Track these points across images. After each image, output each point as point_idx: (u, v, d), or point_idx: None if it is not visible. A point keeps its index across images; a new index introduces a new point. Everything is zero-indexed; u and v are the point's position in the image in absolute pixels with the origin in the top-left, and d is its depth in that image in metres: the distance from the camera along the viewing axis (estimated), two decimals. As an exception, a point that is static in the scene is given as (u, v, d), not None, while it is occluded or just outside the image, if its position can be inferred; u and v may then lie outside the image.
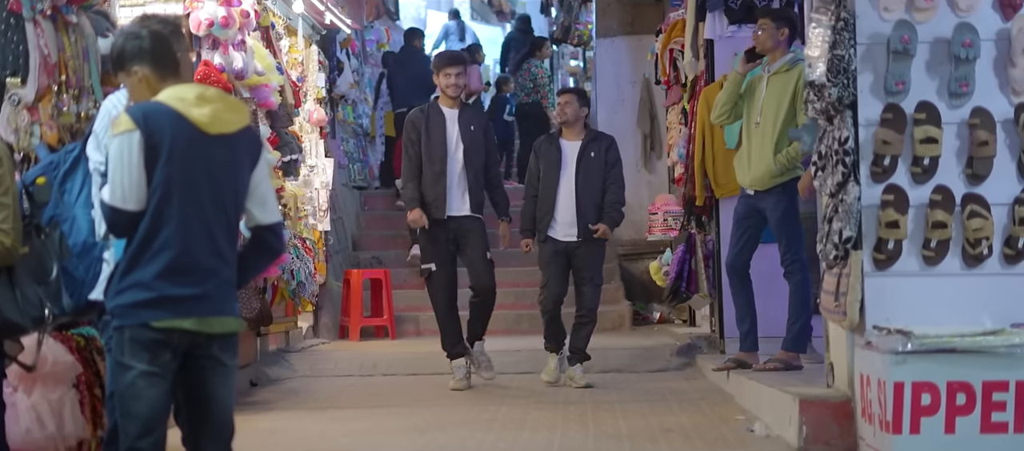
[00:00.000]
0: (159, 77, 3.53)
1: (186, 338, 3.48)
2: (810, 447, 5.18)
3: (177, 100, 3.53)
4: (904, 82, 4.93)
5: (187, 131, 3.49)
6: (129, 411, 3.57)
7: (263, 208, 3.64)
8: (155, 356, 3.47)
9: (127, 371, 3.53)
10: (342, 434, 6.21)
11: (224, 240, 3.54)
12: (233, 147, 3.58)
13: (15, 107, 4.54)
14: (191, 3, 7.03)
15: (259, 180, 3.61)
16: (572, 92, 8.23)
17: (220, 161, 3.55)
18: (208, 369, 3.60)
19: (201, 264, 3.48)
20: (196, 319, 3.46)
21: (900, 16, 4.94)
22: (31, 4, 4.60)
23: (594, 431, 6.02)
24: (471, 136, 7.70)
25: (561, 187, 7.75)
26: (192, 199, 3.48)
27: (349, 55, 13.06)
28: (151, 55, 3.53)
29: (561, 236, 7.75)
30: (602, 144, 7.86)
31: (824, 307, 5.28)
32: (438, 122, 7.73)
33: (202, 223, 3.50)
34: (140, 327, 3.44)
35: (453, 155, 7.69)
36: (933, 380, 4.53)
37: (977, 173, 4.93)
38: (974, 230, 4.88)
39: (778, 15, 6.86)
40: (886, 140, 4.93)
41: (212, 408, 3.64)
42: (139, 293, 3.45)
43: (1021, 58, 4.88)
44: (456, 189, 7.67)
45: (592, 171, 7.72)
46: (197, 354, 3.54)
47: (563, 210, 7.73)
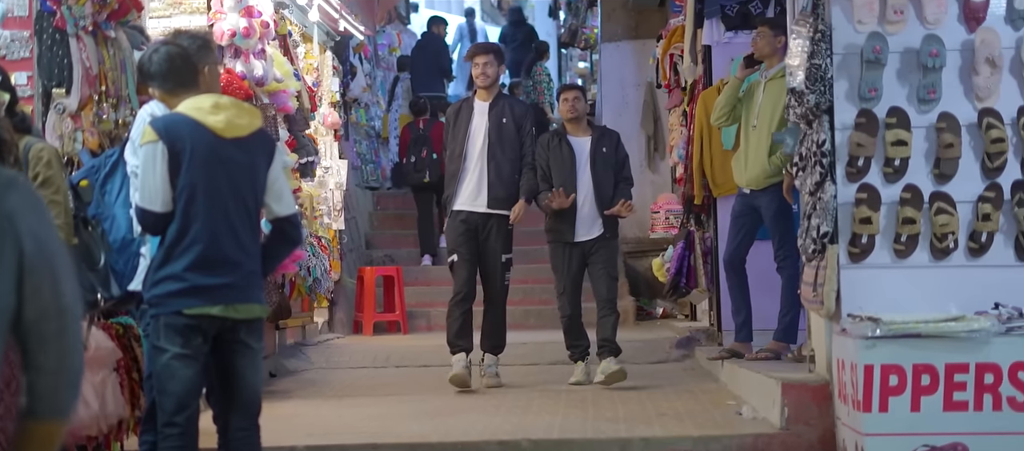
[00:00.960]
0: (169, 93, 3.99)
1: (215, 323, 3.92)
2: (791, 427, 5.58)
3: (195, 110, 3.98)
4: (876, 89, 5.32)
5: (205, 137, 3.93)
6: (165, 389, 4.00)
7: (280, 202, 4.09)
8: (187, 340, 3.91)
9: (163, 354, 3.97)
10: (357, 419, 6.63)
11: (246, 234, 3.98)
12: (248, 148, 4.03)
13: (60, 115, 4.98)
14: (215, 15, 7.46)
15: (275, 177, 4.06)
16: (577, 89, 8.18)
17: (237, 162, 4.00)
18: (237, 351, 4.04)
19: (227, 256, 3.92)
20: (223, 306, 3.91)
21: (873, 28, 5.33)
22: (74, 21, 5.04)
23: (593, 414, 6.43)
24: (501, 129, 7.51)
25: (580, 186, 7.56)
26: (215, 198, 3.92)
27: (362, 59, 13.47)
28: (161, 76, 3.99)
29: (581, 237, 7.58)
30: (611, 140, 7.78)
31: (804, 297, 5.69)
32: (466, 116, 7.60)
33: (225, 219, 3.94)
34: (174, 314, 3.88)
35: (473, 149, 7.50)
36: (900, 363, 4.93)
37: (944, 173, 5.31)
38: (941, 225, 5.27)
39: (775, 23, 7.19)
40: (860, 143, 5.33)
41: (241, 386, 4.08)
42: (172, 284, 3.89)
43: (983, 67, 5.27)
44: (474, 183, 7.48)
45: (606, 168, 7.61)
46: (226, 338, 3.97)
47: (583, 209, 7.55)
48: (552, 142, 7.70)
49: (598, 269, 7.60)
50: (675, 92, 10.12)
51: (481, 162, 7.49)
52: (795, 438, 5.57)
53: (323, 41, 10.96)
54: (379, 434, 6.01)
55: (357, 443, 5.80)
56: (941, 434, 4.91)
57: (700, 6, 8.95)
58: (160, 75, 4.04)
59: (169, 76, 4.04)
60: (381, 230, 13.66)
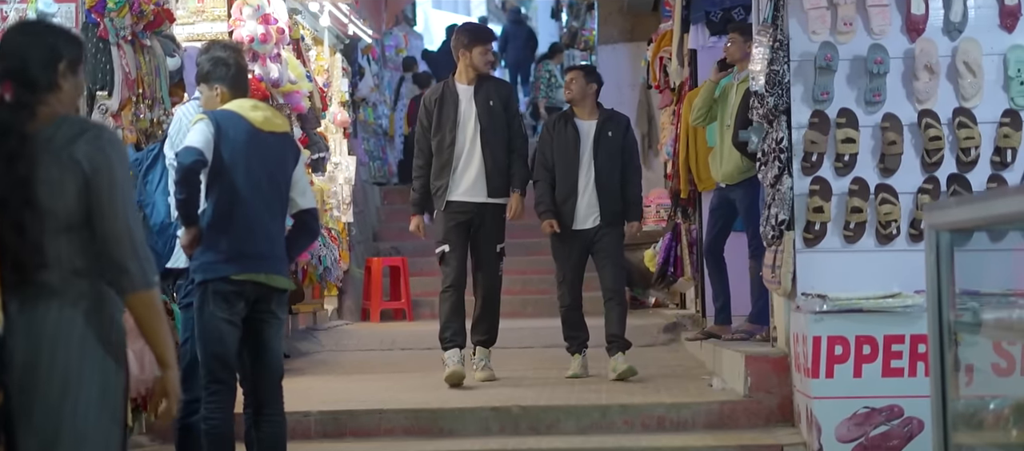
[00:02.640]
0: (232, 95, 4.67)
1: (256, 290, 4.58)
2: (754, 395, 6.23)
3: (238, 107, 4.66)
4: (828, 92, 5.93)
5: (246, 126, 4.61)
6: (213, 351, 4.65)
7: (303, 196, 4.78)
8: (232, 305, 4.57)
9: (210, 318, 4.62)
10: (365, 391, 7.27)
11: (278, 213, 4.66)
12: (281, 143, 4.71)
13: (103, 115, 5.64)
14: (234, 22, 8.09)
15: (299, 175, 4.76)
16: (578, 69, 7.77)
17: (272, 151, 4.68)
18: (266, 321, 4.71)
19: (266, 229, 4.60)
20: (265, 274, 4.57)
21: (825, 38, 5.94)
22: (115, 31, 5.70)
23: (580, 387, 7.06)
24: (490, 113, 7.06)
25: (582, 171, 7.24)
26: (253, 177, 4.61)
27: (370, 61, 14.12)
28: (233, 80, 4.67)
29: (582, 225, 7.26)
30: (620, 125, 7.42)
31: (765, 278, 6.33)
32: (451, 101, 7.08)
33: (262, 197, 4.62)
34: (221, 280, 4.54)
35: (464, 136, 7.06)
36: (844, 334, 5.57)
37: (888, 167, 5.92)
38: (885, 214, 5.89)
39: (745, 30, 7.71)
40: (813, 140, 5.94)
41: (268, 352, 4.74)
42: (219, 253, 4.55)
43: (923, 73, 5.89)
44: (470, 174, 7.07)
45: (611, 153, 7.27)
46: (259, 307, 4.64)
47: (584, 196, 7.23)
48: (557, 124, 7.40)
49: (603, 258, 7.30)
50: (665, 93, 10.68)
51: (475, 150, 7.06)
52: (757, 404, 6.21)
53: (333, 44, 11.59)
54: (385, 402, 6.66)
55: (365, 409, 6.45)
56: (880, 397, 5.55)
57: (686, 12, 9.55)
58: (234, 79, 4.73)
59: (237, 82, 4.73)
60: (388, 223, 14.29)
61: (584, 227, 7.28)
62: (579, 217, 7.28)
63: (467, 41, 7.20)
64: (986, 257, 3.47)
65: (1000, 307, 3.45)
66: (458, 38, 7.27)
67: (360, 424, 6.32)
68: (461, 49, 7.17)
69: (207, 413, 4.66)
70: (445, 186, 7.12)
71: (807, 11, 5.89)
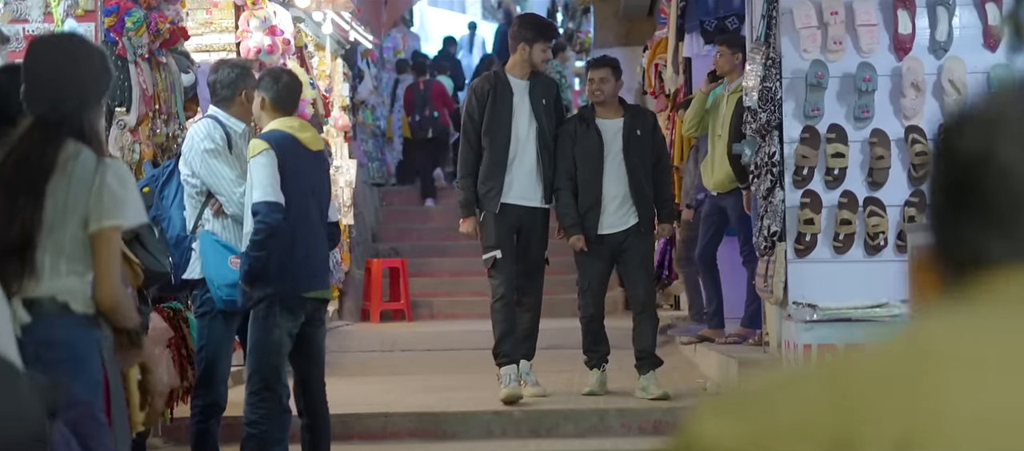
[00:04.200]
0: (281, 113, 4.94)
1: (313, 304, 4.87)
2: (746, 399, 6.45)
3: (287, 127, 4.92)
4: (818, 108, 6.17)
5: (301, 150, 4.88)
6: (270, 361, 4.91)
7: (330, 210, 5.06)
8: (296, 318, 4.85)
9: (274, 329, 4.87)
10: (369, 394, 7.50)
11: (322, 230, 4.97)
12: (323, 161, 5.01)
13: (122, 130, 5.86)
14: (241, 34, 8.30)
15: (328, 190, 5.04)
16: (606, 65, 6.95)
17: (318, 170, 4.98)
18: (316, 325, 5.01)
19: (317, 247, 4.90)
20: (321, 290, 4.88)
21: (816, 56, 6.18)
22: (133, 49, 5.92)
23: (578, 390, 7.29)
24: (545, 112, 6.59)
25: (607, 175, 6.67)
26: (308, 199, 4.91)
27: (369, 64, 14.35)
28: (281, 99, 4.94)
29: (610, 229, 6.72)
30: (647, 121, 6.92)
31: (758, 287, 6.57)
32: (504, 96, 6.51)
33: (314, 216, 4.92)
34: (294, 297, 4.81)
35: (520, 135, 6.55)
36: (834, 342, 5.81)
37: (876, 181, 6.17)
38: (873, 226, 6.13)
39: (733, 42, 7.87)
40: (804, 155, 6.18)
41: (319, 355, 5.05)
42: (288, 271, 4.82)
43: (910, 90, 6.14)
44: (527, 176, 6.58)
45: (642, 153, 6.73)
46: (312, 317, 4.93)
47: (612, 200, 6.70)
48: (578, 128, 6.75)
49: (633, 268, 6.82)
50: (660, 99, 10.92)
51: (529, 149, 6.55)
52: (749, 409, 6.43)
53: (334, 49, 11.81)
54: (390, 405, 6.89)
55: (371, 412, 6.69)
56: (867, 403, 5.78)
57: (681, 21, 9.78)
58: (281, 98, 4.98)
59: (285, 100, 4.98)
60: (387, 225, 14.51)
61: (611, 232, 6.73)
62: (606, 223, 6.72)
63: (531, 35, 6.61)
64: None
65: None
66: (521, 29, 6.72)
67: (366, 427, 6.55)
68: (521, 42, 6.59)
69: (256, 419, 4.92)
70: (498, 187, 6.55)
71: (799, 30, 6.12)
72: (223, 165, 5.02)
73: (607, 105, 6.80)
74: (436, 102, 15.35)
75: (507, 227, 6.62)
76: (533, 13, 6.73)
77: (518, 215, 6.64)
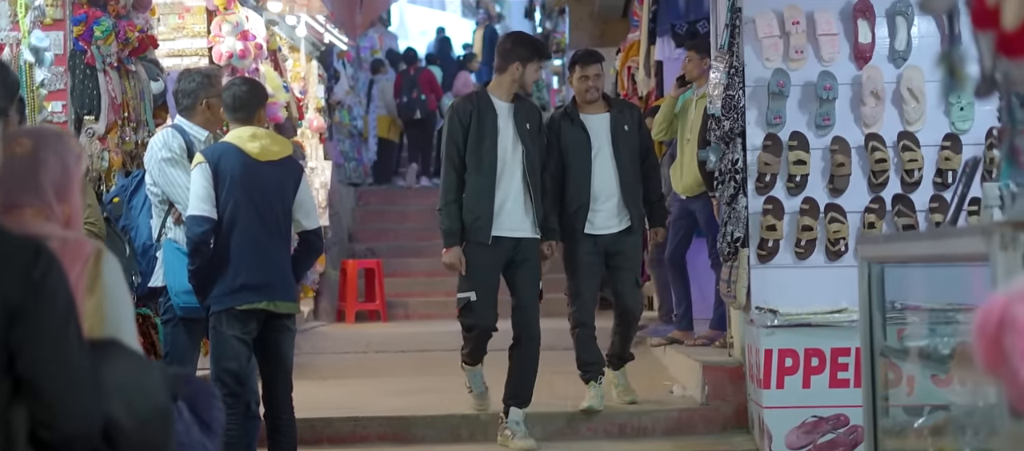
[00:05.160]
0: (237, 122, 4.98)
1: (265, 313, 4.90)
2: (711, 403, 6.56)
3: (236, 138, 4.95)
4: (781, 116, 6.25)
5: (243, 160, 4.90)
6: (230, 368, 4.97)
7: (307, 217, 5.08)
8: (245, 324, 4.89)
9: (222, 336, 4.93)
10: (340, 397, 7.56)
11: (280, 241, 4.97)
12: (280, 171, 4.99)
13: (90, 138, 5.91)
14: (213, 38, 8.35)
15: (303, 197, 5.04)
16: (598, 61, 6.65)
17: (271, 180, 4.96)
18: (280, 332, 5.04)
19: (268, 258, 4.91)
20: (268, 302, 4.89)
21: (778, 65, 6.25)
22: (102, 58, 5.97)
23: (547, 392, 7.34)
24: (529, 136, 6.12)
25: (596, 172, 6.37)
26: (251, 211, 4.91)
27: (345, 64, 14.41)
28: (231, 109, 4.98)
29: (602, 230, 6.42)
30: (633, 116, 6.61)
31: (722, 292, 6.65)
32: (488, 117, 6.05)
33: (263, 228, 4.93)
34: (231, 309, 4.86)
35: (505, 160, 6.07)
36: (794, 347, 5.91)
37: (836, 188, 6.25)
38: (834, 232, 6.22)
39: (701, 47, 7.98)
40: (767, 162, 6.26)
41: (281, 357, 5.08)
42: (225, 286, 4.86)
43: (869, 98, 6.22)
44: (515, 203, 6.07)
45: (631, 148, 6.48)
46: (272, 323, 4.96)
47: (604, 199, 6.41)
48: (562, 124, 6.46)
49: (624, 274, 6.47)
50: (633, 101, 11.03)
51: (516, 175, 6.07)
52: (713, 412, 6.55)
53: (309, 51, 11.86)
54: (359, 408, 6.96)
55: (341, 416, 6.75)
56: (827, 407, 5.89)
57: (653, 24, 9.87)
58: (233, 107, 5.03)
59: (237, 109, 5.03)
60: (363, 225, 14.57)
61: (603, 233, 6.43)
62: (597, 223, 6.42)
63: (527, 53, 6.13)
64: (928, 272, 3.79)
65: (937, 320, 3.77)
66: (515, 48, 6.18)
67: (336, 431, 6.61)
68: (516, 61, 6.10)
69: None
70: (486, 217, 6.02)
71: (761, 39, 6.20)
72: (181, 173, 5.09)
73: (593, 101, 6.53)
74: (424, 87, 16.11)
75: (492, 263, 6.07)
76: (524, 32, 6.21)
77: (507, 247, 6.06)
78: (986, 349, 1.81)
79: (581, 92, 6.53)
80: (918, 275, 3.98)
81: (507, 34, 6.62)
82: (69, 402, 2.06)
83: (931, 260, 3.45)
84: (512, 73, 6.11)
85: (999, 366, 1.79)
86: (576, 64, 6.59)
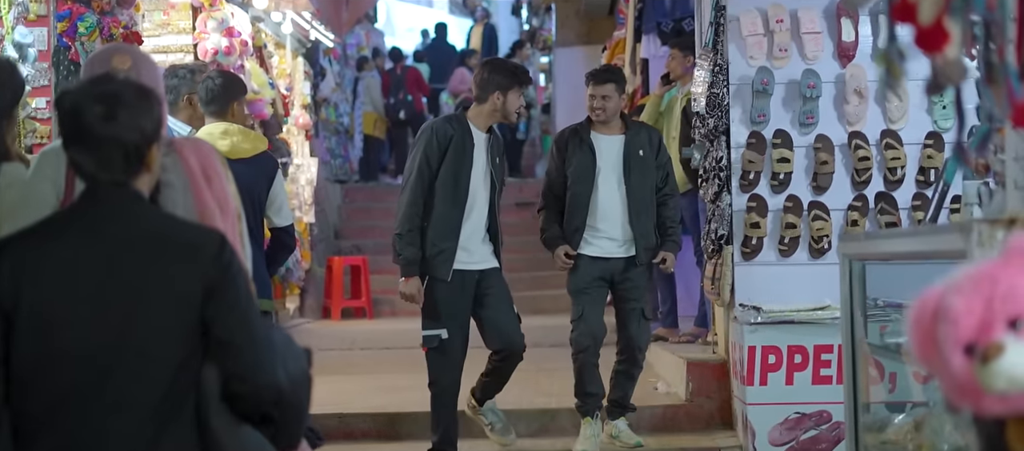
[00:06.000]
0: (212, 116, 4.98)
1: None
2: (695, 399, 6.59)
3: (207, 134, 4.94)
4: (765, 114, 6.28)
5: None
6: None
7: (279, 214, 5.07)
8: None
9: None
10: (326, 394, 7.52)
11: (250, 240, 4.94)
12: (250, 168, 4.98)
13: (74, 134, 5.90)
14: (199, 35, 8.34)
15: (275, 194, 5.03)
16: (611, 81, 6.17)
17: (240, 179, 4.93)
18: None
19: None
20: None
21: (762, 63, 6.28)
22: (86, 54, 5.95)
23: (533, 389, 7.39)
24: (496, 171, 5.80)
25: (600, 197, 5.99)
26: None
27: (331, 61, 14.41)
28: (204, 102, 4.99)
29: (604, 252, 6.02)
30: (652, 140, 6.13)
31: (706, 290, 6.68)
32: (466, 148, 5.67)
33: None
34: None
35: (480, 194, 5.71)
36: (777, 344, 5.94)
37: (820, 185, 6.28)
38: (817, 229, 6.25)
39: (685, 45, 8.02)
40: (751, 159, 6.29)
41: None
42: None
43: (853, 97, 6.25)
44: (479, 236, 5.72)
45: (645, 174, 6.03)
46: None
47: (607, 221, 6.00)
48: (570, 143, 6.08)
49: (627, 304, 6.04)
50: (619, 98, 11.05)
51: (484, 211, 5.74)
52: (698, 409, 6.57)
53: (295, 48, 11.85)
54: (344, 405, 6.97)
55: (326, 413, 6.74)
56: (810, 403, 5.92)
57: (639, 22, 9.91)
58: (206, 101, 5.03)
59: (211, 103, 5.04)
60: (349, 222, 14.57)
61: (606, 256, 6.03)
62: (598, 245, 6.04)
63: (506, 82, 5.70)
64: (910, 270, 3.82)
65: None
66: (493, 77, 5.73)
67: (322, 427, 6.57)
68: (495, 90, 5.68)
69: None
70: (451, 250, 5.64)
71: (745, 38, 6.23)
72: None
73: (608, 122, 6.11)
74: (411, 86, 16.35)
75: (459, 295, 5.67)
76: (501, 59, 5.65)
77: (471, 281, 5.70)
78: (921, 339, 1.84)
79: (589, 110, 6.13)
80: (900, 273, 4.00)
81: (483, 62, 6.19)
82: (258, 359, 2.48)
83: (912, 258, 3.48)
84: (493, 103, 5.69)
85: (933, 356, 1.82)
86: (589, 80, 6.18)
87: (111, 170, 2.48)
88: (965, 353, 1.82)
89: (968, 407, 1.89)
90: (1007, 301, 1.85)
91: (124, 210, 2.49)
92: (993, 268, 1.90)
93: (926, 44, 2.17)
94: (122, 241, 2.46)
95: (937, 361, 1.86)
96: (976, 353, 1.82)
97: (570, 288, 6.11)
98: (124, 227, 2.47)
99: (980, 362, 1.81)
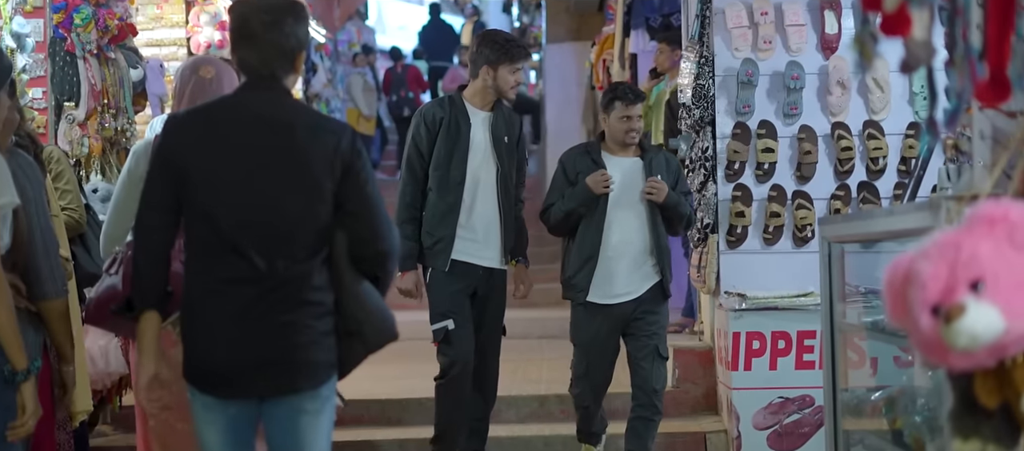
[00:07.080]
0: None
1: None
2: (681, 385, 6.70)
3: None
4: (749, 105, 6.39)
5: None
6: None
7: None
8: None
9: None
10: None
11: None
12: None
13: (70, 124, 5.99)
14: (192, 28, 8.43)
15: None
16: (642, 100, 5.68)
17: None
18: None
19: None
20: None
21: (747, 55, 6.39)
22: (82, 45, 6.06)
23: (521, 376, 7.50)
24: (507, 152, 5.40)
25: (612, 225, 5.41)
26: None
27: (322, 57, 14.50)
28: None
29: (617, 298, 5.44)
30: (670, 164, 5.62)
31: (692, 277, 6.79)
32: (462, 128, 5.34)
33: None
34: None
35: (476, 178, 5.35)
36: (761, 330, 6.05)
37: (804, 175, 6.38)
38: (801, 218, 6.36)
39: (672, 39, 8.15)
40: (736, 150, 6.40)
41: None
42: None
43: (836, 88, 6.36)
44: (482, 228, 5.36)
45: (665, 203, 5.46)
46: None
47: (619, 256, 5.42)
48: (579, 163, 5.50)
49: (645, 347, 5.41)
50: (608, 93, 11.14)
51: (490, 197, 5.36)
52: (684, 394, 6.68)
53: (287, 43, 11.92)
54: (346, 392, 7.03)
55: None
56: (793, 388, 6.04)
57: (628, 17, 10.01)
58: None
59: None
60: (340, 216, 14.65)
61: (619, 302, 5.45)
62: (617, 287, 5.44)
63: (494, 56, 5.33)
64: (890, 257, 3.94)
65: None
66: (481, 50, 5.38)
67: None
68: (484, 65, 5.35)
69: None
70: (449, 239, 5.33)
71: (730, 30, 6.33)
72: None
73: (631, 144, 5.53)
74: (411, 84, 16.79)
75: (461, 288, 5.35)
76: (495, 30, 5.35)
77: (475, 276, 5.37)
78: (894, 301, 1.98)
79: (620, 133, 5.47)
80: (881, 260, 4.12)
81: (477, 35, 5.89)
82: (381, 227, 3.18)
83: (888, 237, 3.59)
84: (483, 78, 5.35)
85: (904, 316, 1.96)
86: (616, 100, 5.49)
87: (270, 66, 3.10)
88: (932, 314, 1.95)
89: (938, 363, 2.02)
90: (968, 266, 1.98)
91: (276, 99, 3.12)
92: (957, 236, 2.03)
93: (891, 29, 2.30)
94: (279, 122, 3.09)
95: (908, 321, 2.00)
96: (941, 313, 1.95)
97: (574, 336, 5.57)
98: (280, 111, 3.11)
99: (944, 322, 1.94)
